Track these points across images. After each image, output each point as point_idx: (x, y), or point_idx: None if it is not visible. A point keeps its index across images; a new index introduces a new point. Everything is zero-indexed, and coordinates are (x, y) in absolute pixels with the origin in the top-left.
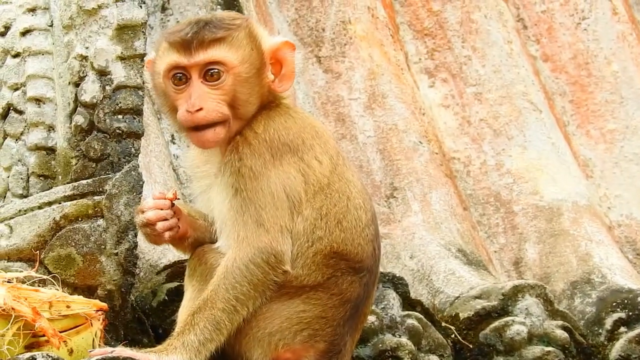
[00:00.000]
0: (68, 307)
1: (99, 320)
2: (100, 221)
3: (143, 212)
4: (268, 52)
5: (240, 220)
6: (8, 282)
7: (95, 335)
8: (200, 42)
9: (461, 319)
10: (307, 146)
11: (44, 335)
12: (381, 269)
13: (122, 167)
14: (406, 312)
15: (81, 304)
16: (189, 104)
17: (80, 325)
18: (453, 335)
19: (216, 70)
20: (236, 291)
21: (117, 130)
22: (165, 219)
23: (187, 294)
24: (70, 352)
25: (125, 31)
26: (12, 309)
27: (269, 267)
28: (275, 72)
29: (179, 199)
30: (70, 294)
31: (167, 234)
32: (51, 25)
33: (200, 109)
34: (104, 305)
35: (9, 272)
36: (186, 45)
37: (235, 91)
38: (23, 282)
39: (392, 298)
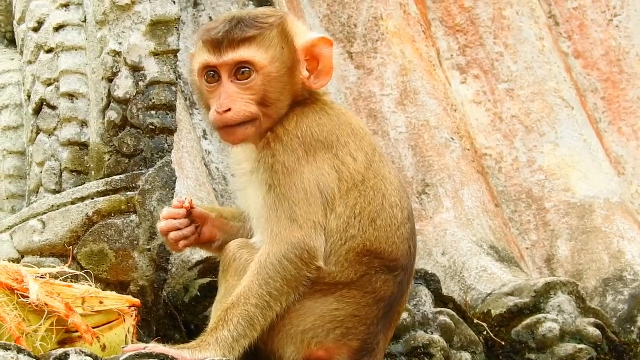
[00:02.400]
0: (101, 303)
1: (131, 316)
2: (133, 217)
3: (161, 220)
4: (303, 48)
5: (274, 216)
6: (41, 277)
7: (128, 331)
8: (230, 42)
9: (493, 316)
10: (341, 143)
11: (77, 331)
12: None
13: (155, 163)
14: (438, 309)
15: (114, 300)
16: (218, 105)
17: (113, 322)
18: (485, 332)
19: (247, 70)
20: (269, 287)
21: (150, 126)
22: (179, 229)
23: (221, 290)
24: (103, 348)
25: (159, 27)
26: (45, 304)
27: (302, 262)
28: (312, 68)
29: (194, 207)
30: (103, 290)
31: (181, 243)
32: (85, 21)
33: (229, 110)
34: (137, 301)
35: (42, 267)
36: (217, 44)
37: (265, 90)
38: (56, 278)
39: (425, 295)
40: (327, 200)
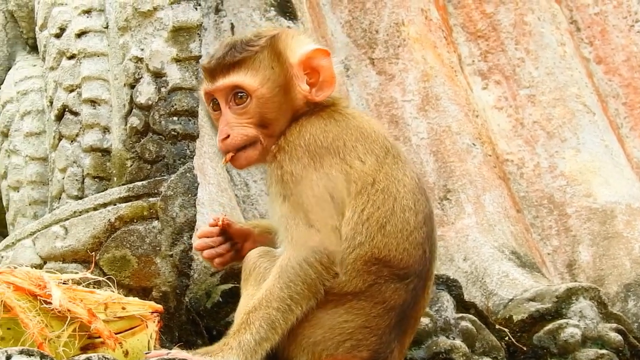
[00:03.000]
0: (123, 308)
1: (154, 322)
2: (155, 223)
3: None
4: (299, 63)
5: (292, 223)
6: (64, 283)
7: (151, 336)
8: (221, 68)
9: (515, 321)
10: (348, 147)
11: (99, 337)
12: (435, 271)
13: (177, 169)
14: (460, 315)
15: (136, 306)
16: (219, 132)
17: (135, 327)
18: (507, 338)
19: (241, 94)
20: (290, 290)
21: (172, 132)
22: (212, 247)
23: (243, 297)
24: (126, 353)
25: (181, 33)
26: (68, 310)
27: (322, 267)
28: (314, 81)
29: (230, 224)
30: (125, 296)
31: (216, 261)
32: (106, 27)
33: (228, 136)
34: (159, 307)
35: (65, 273)
36: (211, 71)
37: (260, 112)
38: (78, 284)
39: (446, 300)
40: (339, 204)
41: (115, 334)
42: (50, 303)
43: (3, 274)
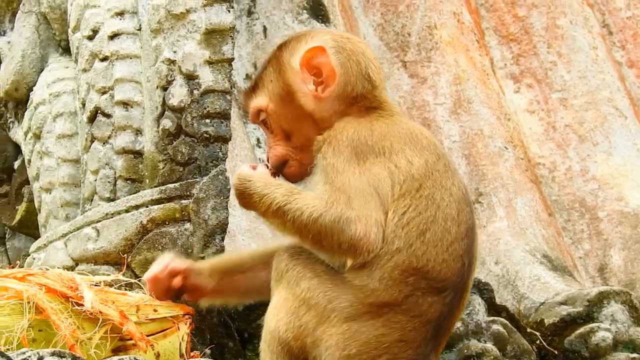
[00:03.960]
0: (155, 311)
1: (185, 324)
2: (188, 225)
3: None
4: (300, 67)
5: (332, 198)
6: (96, 285)
7: (182, 339)
8: (246, 97)
9: (546, 325)
10: (395, 149)
11: (131, 339)
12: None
13: (210, 171)
14: (491, 318)
15: (168, 308)
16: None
17: (167, 329)
18: (538, 341)
19: (262, 116)
20: (310, 231)
21: (205, 135)
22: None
23: (273, 300)
24: (157, 356)
25: (214, 35)
26: (100, 312)
27: (351, 248)
28: (321, 79)
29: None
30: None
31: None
32: (139, 29)
33: (268, 159)
34: (191, 309)
35: (97, 275)
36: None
37: (280, 127)
38: (110, 286)
39: (478, 304)
40: (384, 201)
41: (147, 336)
42: (82, 305)
43: (35, 275)
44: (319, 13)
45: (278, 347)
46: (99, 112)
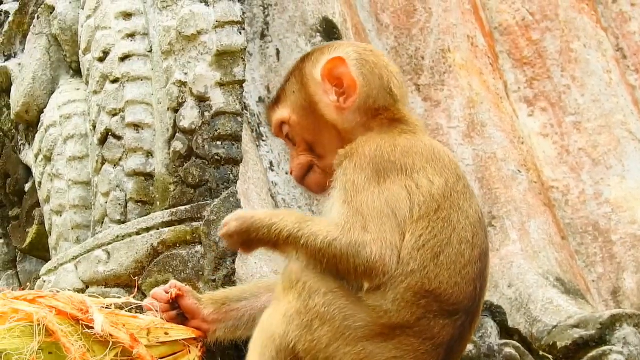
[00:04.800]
0: (166, 334)
1: (197, 347)
2: (198, 247)
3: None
4: (322, 78)
5: (348, 223)
6: (106, 308)
7: None
8: (269, 111)
9: (559, 347)
10: (417, 167)
11: None
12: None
13: (221, 194)
14: (504, 341)
15: (179, 331)
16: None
17: (178, 353)
18: None
19: (284, 128)
20: (316, 256)
21: (216, 157)
22: (157, 310)
23: (282, 306)
24: None
25: (225, 57)
26: (110, 335)
27: (364, 270)
28: (342, 90)
29: (179, 295)
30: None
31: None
32: (150, 51)
33: (292, 171)
34: (202, 333)
35: (107, 298)
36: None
37: (303, 138)
38: (121, 309)
39: (490, 327)
40: (401, 223)
41: (158, 359)
42: (93, 328)
43: (46, 298)
44: (332, 36)
45: (281, 354)
46: (109, 134)
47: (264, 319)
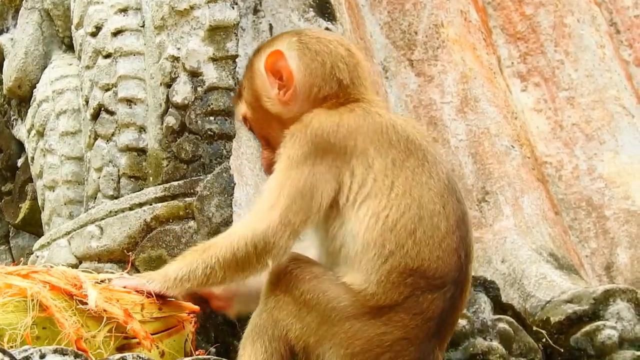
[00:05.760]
0: (160, 309)
1: (190, 323)
2: (191, 223)
3: None
4: (265, 72)
5: (264, 198)
6: (101, 282)
7: (187, 338)
8: (234, 104)
9: (552, 323)
10: (358, 150)
11: (135, 338)
12: (472, 273)
13: (214, 169)
14: (497, 316)
15: (173, 307)
16: None
17: (172, 328)
18: (544, 340)
19: (248, 124)
20: (220, 255)
21: (209, 132)
22: None
23: (271, 301)
24: (162, 354)
25: (217, 32)
26: (104, 310)
27: (254, 251)
28: (283, 82)
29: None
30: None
31: None
32: (143, 26)
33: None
34: (196, 307)
35: (101, 273)
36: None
37: (259, 133)
38: None
39: (484, 302)
40: (314, 207)
41: (152, 334)
42: (86, 303)
43: (39, 273)
44: (325, 11)
45: (274, 343)
46: (102, 109)
47: (254, 313)
